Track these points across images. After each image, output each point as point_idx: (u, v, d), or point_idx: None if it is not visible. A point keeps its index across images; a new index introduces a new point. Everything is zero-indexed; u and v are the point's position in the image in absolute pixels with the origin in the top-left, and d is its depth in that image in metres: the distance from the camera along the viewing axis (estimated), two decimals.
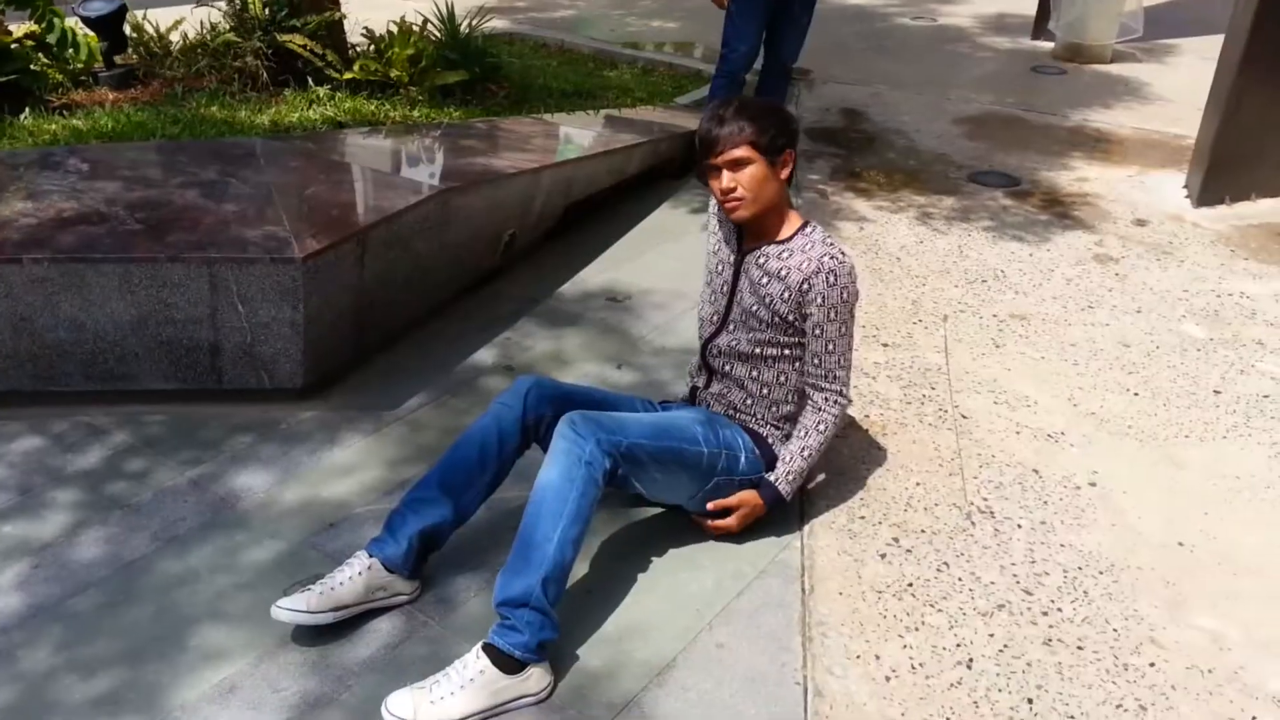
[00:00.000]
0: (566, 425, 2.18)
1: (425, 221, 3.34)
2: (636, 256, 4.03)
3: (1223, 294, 3.79)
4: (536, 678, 2.01)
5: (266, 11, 4.58)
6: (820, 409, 2.42)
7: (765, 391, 2.49)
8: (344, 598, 2.11)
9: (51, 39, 4.36)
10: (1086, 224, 4.35)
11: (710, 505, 2.42)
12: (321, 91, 4.49)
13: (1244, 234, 4.29)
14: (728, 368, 2.51)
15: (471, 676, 1.97)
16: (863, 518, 2.58)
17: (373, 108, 4.42)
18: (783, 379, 2.48)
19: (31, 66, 4.33)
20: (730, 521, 2.43)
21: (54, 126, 3.88)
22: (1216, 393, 3.18)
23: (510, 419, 2.31)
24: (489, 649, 1.99)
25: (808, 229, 2.40)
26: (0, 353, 2.85)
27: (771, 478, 2.44)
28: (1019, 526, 2.57)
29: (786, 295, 2.36)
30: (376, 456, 2.77)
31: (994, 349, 3.41)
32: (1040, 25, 7.02)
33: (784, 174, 2.35)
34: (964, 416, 3.04)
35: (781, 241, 2.40)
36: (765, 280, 2.39)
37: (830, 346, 2.38)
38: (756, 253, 2.42)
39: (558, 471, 2.11)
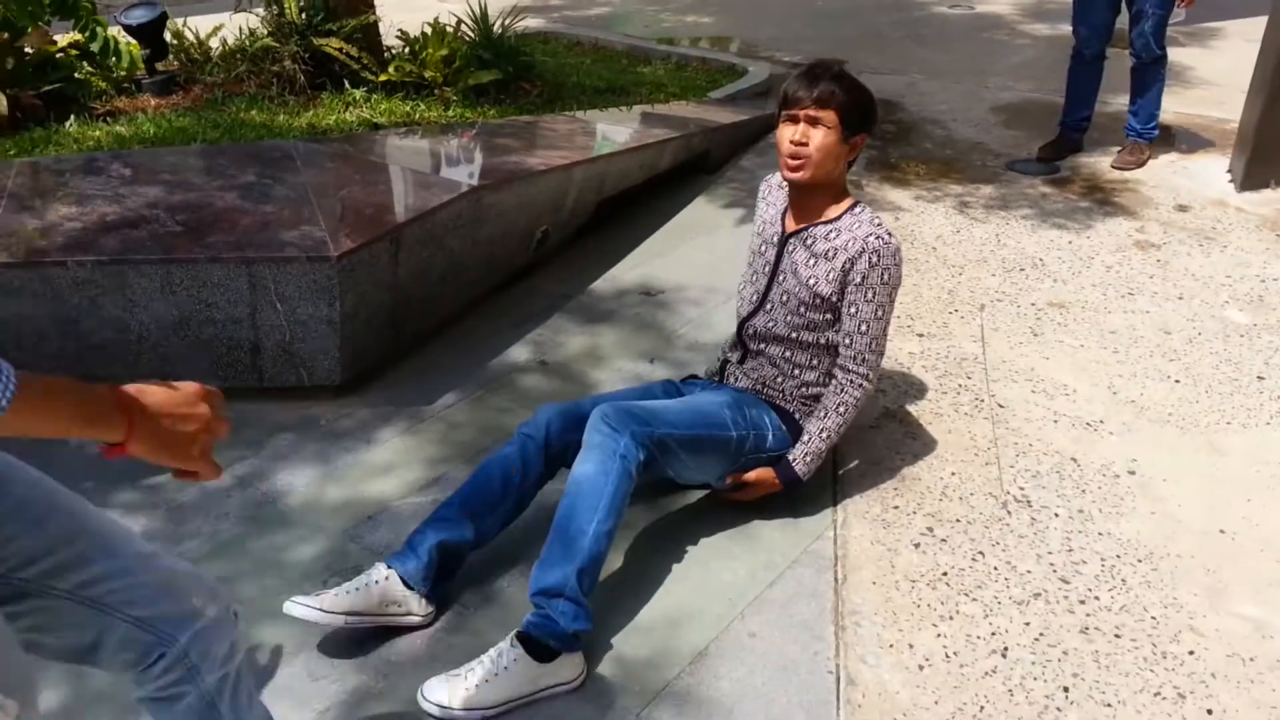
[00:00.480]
0: (600, 419, 2.19)
1: (459, 219, 3.37)
2: (669, 251, 4.04)
3: (1267, 279, 3.71)
4: (570, 666, 2.03)
5: (303, 16, 4.64)
6: (843, 389, 2.42)
7: (796, 372, 2.50)
8: (357, 604, 2.12)
9: (95, 47, 4.44)
10: (1128, 210, 4.28)
11: (728, 479, 2.43)
12: (357, 94, 4.54)
13: None
14: (762, 347, 2.52)
15: (506, 664, 1.99)
16: (897, 507, 2.57)
17: (407, 108, 4.47)
18: (815, 362, 2.48)
19: (75, 75, 4.43)
20: (744, 495, 2.46)
21: (98, 133, 3.97)
22: (1260, 379, 3.12)
23: (534, 449, 2.32)
24: (523, 638, 2.02)
25: (856, 209, 2.41)
26: (46, 354, 2.92)
27: (790, 457, 2.45)
28: (1056, 515, 2.54)
29: (831, 275, 2.36)
30: (414, 453, 2.80)
31: (1032, 337, 3.37)
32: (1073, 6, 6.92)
33: (851, 155, 2.37)
34: (1001, 406, 3.01)
35: (829, 221, 2.40)
36: (812, 261, 2.40)
37: (864, 328, 2.37)
38: (804, 234, 2.42)
39: (593, 465, 2.13)
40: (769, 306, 2.49)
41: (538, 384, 3.15)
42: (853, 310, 2.37)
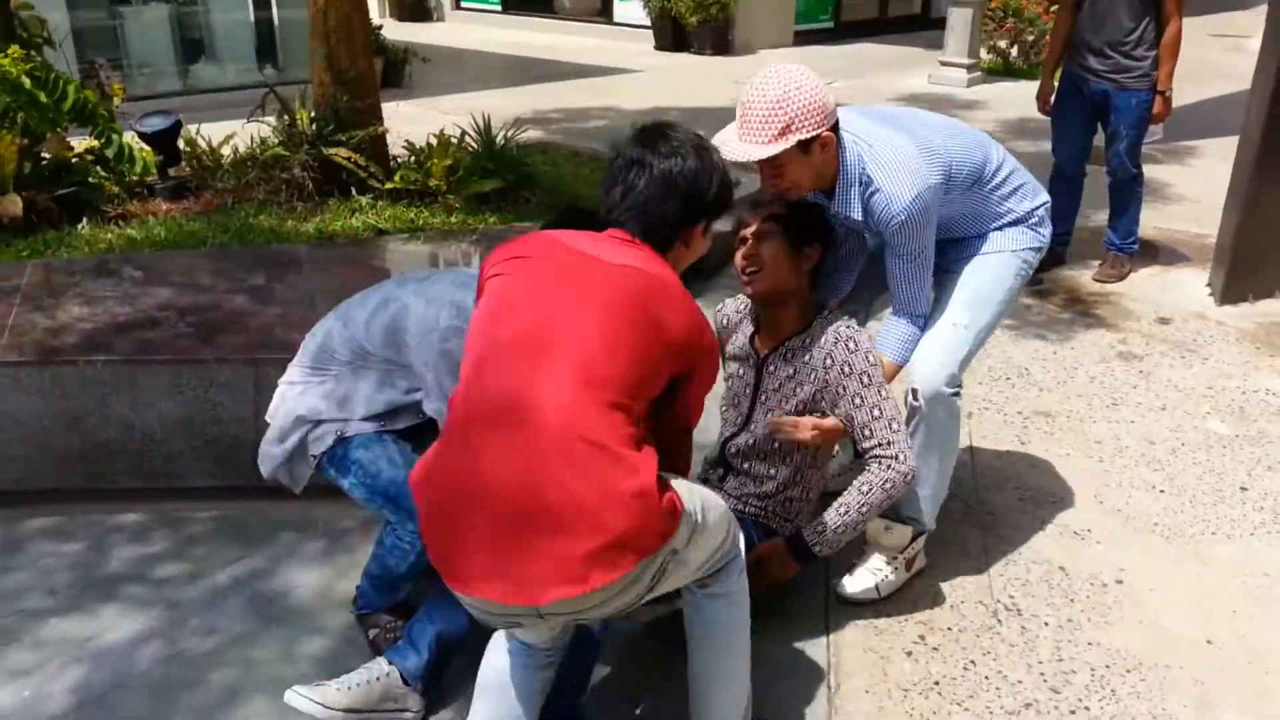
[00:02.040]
0: None
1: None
2: None
3: (1248, 391, 3.81)
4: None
5: (314, 127, 4.81)
6: (870, 472, 2.36)
7: (781, 488, 2.54)
8: (358, 700, 2.16)
9: (110, 153, 4.60)
10: (1109, 322, 4.40)
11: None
12: (364, 200, 4.69)
13: (1268, 331, 4.32)
14: (746, 465, 2.57)
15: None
16: (889, 614, 2.60)
17: (412, 215, 4.60)
18: (798, 477, 2.53)
19: (90, 179, 4.57)
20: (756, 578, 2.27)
21: (110, 235, 4.08)
22: (1243, 489, 3.18)
23: None
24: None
25: (824, 313, 2.47)
26: (53, 451, 2.97)
27: (805, 529, 2.42)
28: (1046, 624, 2.57)
29: (813, 377, 2.42)
30: None
31: (1019, 445, 3.44)
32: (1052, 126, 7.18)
33: (806, 266, 2.43)
34: (990, 513, 3.06)
35: (801, 333, 2.47)
36: (792, 374, 2.46)
37: (876, 412, 2.35)
38: (782, 349, 2.49)
39: None
40: (753, 425, 2.55)
41: None
42: (857, 401, 2.37)
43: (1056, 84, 4.83)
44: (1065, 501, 3.12)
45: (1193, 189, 6.20)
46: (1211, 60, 10.28)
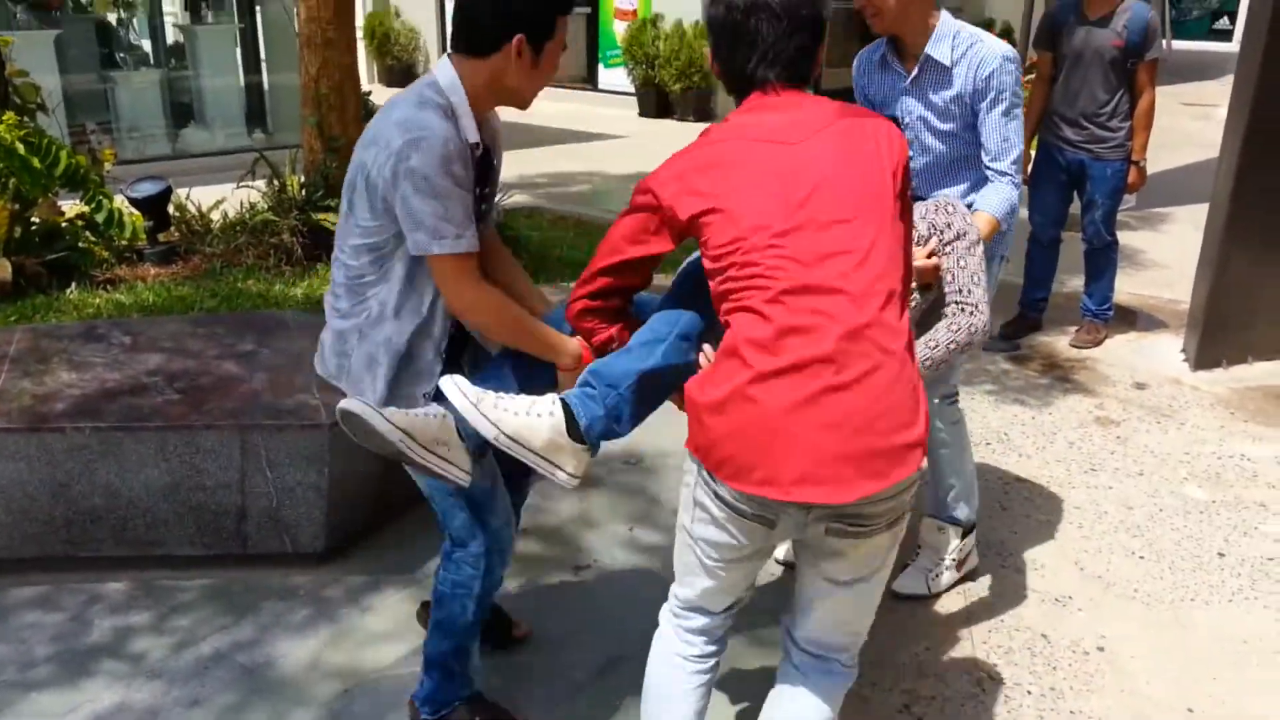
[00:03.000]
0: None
1: None
2: (652, 419, 4.14)
3: (1224, 456, 3.87)
4: (578, 461, 1.89)
5: (303, 192, 4.88)
6: (952, 317, 2.51)
7: None
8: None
9: (100, 218, 4.65)
10: (1087, 388, 4.47)
11: None
12: None
13: (1242, 396, 4.40)
14: None
15: (540, 413, 1.85)
16: (874, 684, 2.60)
17: None
18: None
19: (80, 244, 4.62)
20: None
21: (98, 300, 4.12)
22: (1221, 555, 3.22)
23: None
24: (564, 404, 1.88)
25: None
26: (37, 519, 2.96)
27: None
28: (1029, 693, 2.58)
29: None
30: (397, 622, 2.83)
31: (1000, 512, 3.47)
32: (1029, 194, 7.34)
33: None
34: (972, 580, 3.08)
35: None
36: None
37: (962, 264, 2.51)
38: None
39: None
40: None
41: (522, 548, 3.20)
42: (947, 250, 2.55)
43: (1033, 153, 4.96)
44: (1046, 568, 3.15)
45: (1165, 255, 6.33)
46: (1182, 128, 10.55)
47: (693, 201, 1.78)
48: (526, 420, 1.86)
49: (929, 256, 2.51)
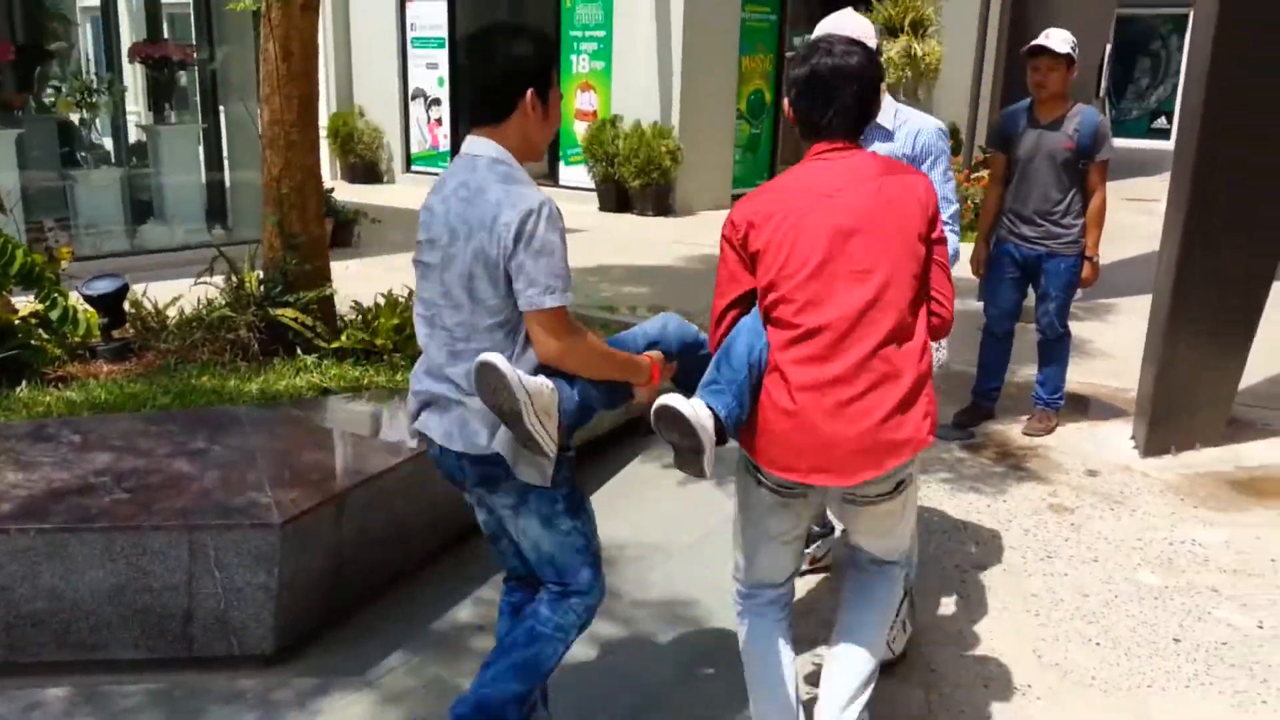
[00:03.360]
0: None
1: (404, 481, 3.47)
2: (610, 509, 4.12)
3: (1175, 542, 3.91)
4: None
5: (261, 288, 4.89)
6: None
7: None
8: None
9: (54, 315, 4.61)
10: (1040, 475, 4.53)
11: None
12: (309, 360, 4.73)
13: (1192, 483, 4.47)
14: None
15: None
16: None
17: (357, 373, 4.64)
18: None
19: (32, 342, 4.57)
20: None
21: (49, 398, 4.06)
22: (1176, 641, 3.24)
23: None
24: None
25: None
26: None
27: None
28: None
29: None
30: None
31: (958, 600, 3.48)
32: (984, 287, 7.51)
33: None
34: (932, 670, 3.07)
35: None
36: None
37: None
38: None
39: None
40: None
41: (482, 646, 3.15)
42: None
43: (989, 250, 5.09)
44: (1005, 656, 3.15)
45: (1112, 344, 6.48)
46: (1126, 223, 10.88)
47: (754, 240, 2.29)
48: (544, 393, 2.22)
49: None
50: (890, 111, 3.22)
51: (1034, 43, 4.69)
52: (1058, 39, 4.61)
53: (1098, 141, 4.68)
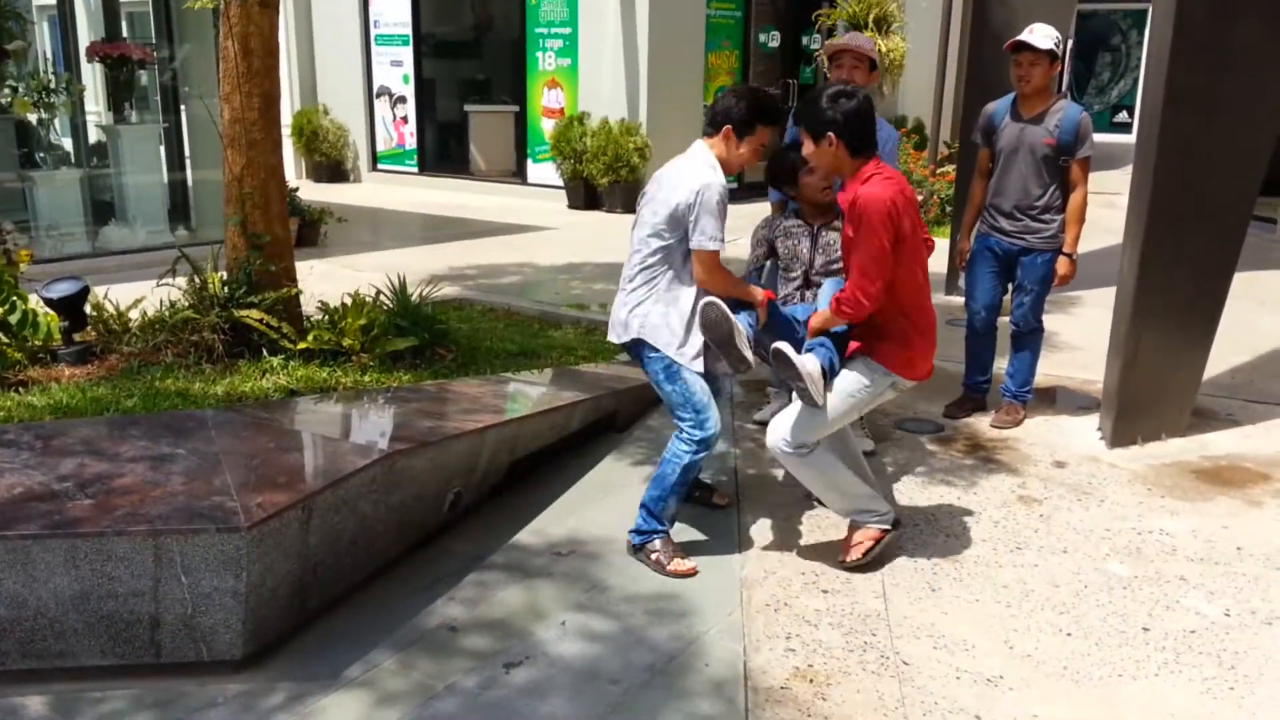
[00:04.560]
0: None
1: (372, 484, 3.43)
2: (580, 510, 4.12)
3: (1143, 531, 3.95)
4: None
5: (225, 289, 4.82)
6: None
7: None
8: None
9: (14, 320, 4.53)
10: (1009, 467, 4.56)
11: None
12: (275, 361, 4.67)
13: (1158, 473, 4.52)
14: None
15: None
16: None
17: (324, 375, 4.60)
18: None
19: None
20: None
21: (9, 403, 3.99)
22: (1145, 630, 3.27)
23: None
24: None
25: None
26: None
27: None
28: None
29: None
30: None
31: (930, 593, 3.49)
32: (952, 282, 7.57)
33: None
34: (905, 663, 3.08)
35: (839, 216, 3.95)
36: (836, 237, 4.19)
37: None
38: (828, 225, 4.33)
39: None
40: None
41: (450, 647, 3.12)
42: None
43: (971, 243, 5.12)
44: (977, 648, 3.17)
45: (1078, 337, 6.54)
46: (1089, 216, 10.99)
47: (903, 226, 3.39)
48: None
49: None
50: None
51: (1016, 38, 4.72)
52: (1040, 34, 4.64)
53: (1079, 138, 4.71)
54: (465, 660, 3.07)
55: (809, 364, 3.37)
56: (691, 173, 3.49)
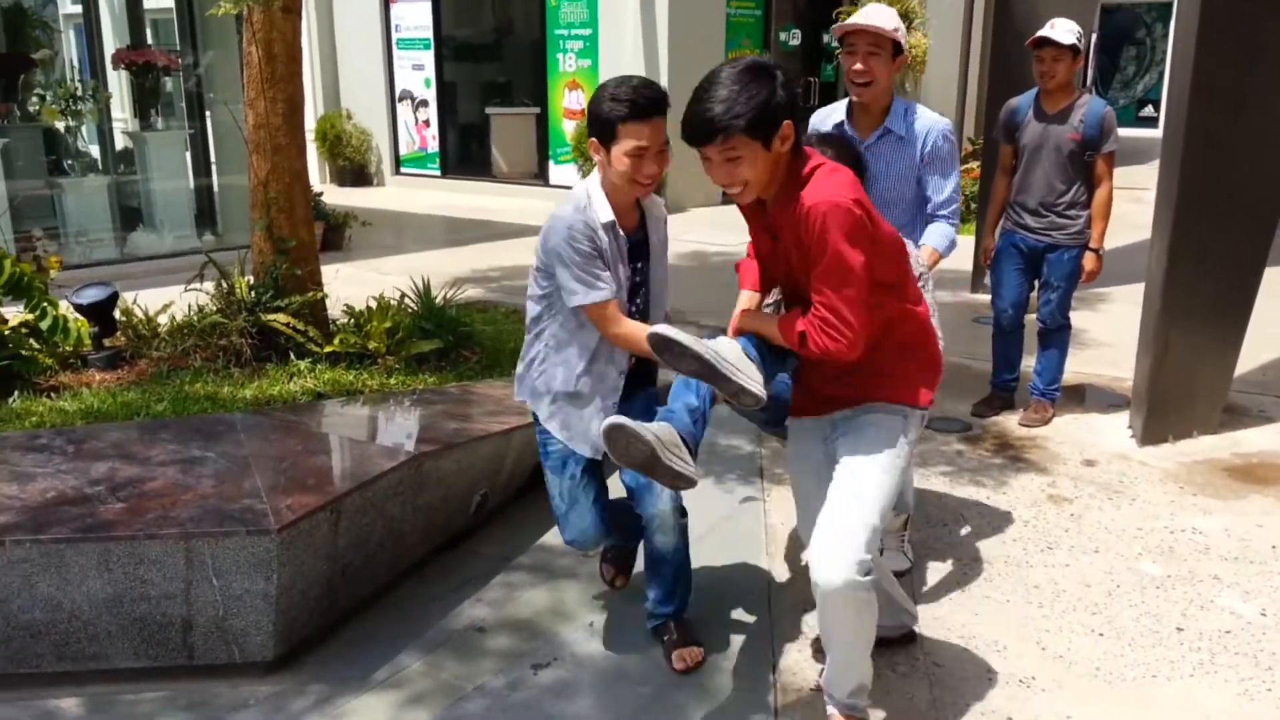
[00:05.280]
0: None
1: (399, 486, 3.45)
2: None
3: (1175, 530, 3.91)
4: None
5: (252, 294, 4.86)
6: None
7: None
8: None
9: (45, 325, 4.58)
10: (1039, 466, 4.52)
11: None
12: (302, 364, 4.70)
13: (1190, 471, 4.47)
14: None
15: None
16: None
17: (351, 378, 4.62)
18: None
19: (23, 352, 4.53)
20: None
21: (41, 408, 4.03)
22: (1179, 630, 3.23)
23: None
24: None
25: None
26: None
27: None
28: None
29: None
30: None
31: (960, 593, 3.47)
32: (977, 279, 7.52)
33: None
34: (936, 664, 3.06)
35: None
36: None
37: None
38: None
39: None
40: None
41: (477, 649, 3.13)
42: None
43: (996, 240, 5.08)
44: (1009, 649, 3.14)
45: (1106, 334, 6.48)
46: (1116, 211, 10.86)
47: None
48: (717, 343, 2.45)
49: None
50: (900, 115, 3.49)
51: (1039, 34, 4.68)
52: (1062, 29, 4.60)
53: (1104, 133, 4.67)
54: (493, 661, 3.08)
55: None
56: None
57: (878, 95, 3.42)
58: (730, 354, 2.43)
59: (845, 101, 3.61)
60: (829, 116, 3.65)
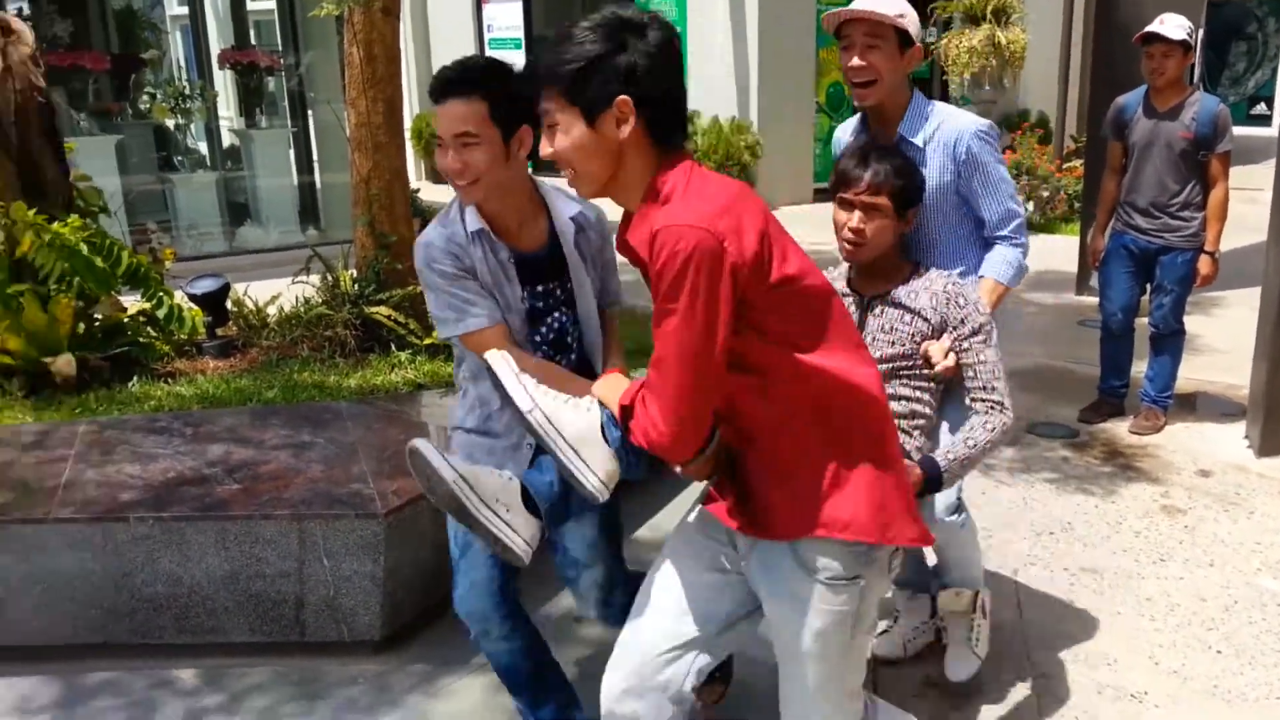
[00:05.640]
0: None
1: None
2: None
3: None
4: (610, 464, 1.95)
5: (356, 287, 4.97)
6: (982, 415, 2.48)
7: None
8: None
9: (161, 314, 4.76)
10: (1150, 475, 4.37)
11: None
12: (403, 356, 4.79)
13: None
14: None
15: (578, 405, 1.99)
16: None
17: (449, 370, 4.69)
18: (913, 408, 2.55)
19: (141, 339, 4.72)
20: None
21: (160, 393, 4.18)
22: None
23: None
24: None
25: (920, 268, 2.54)
26: (101, 607, 2.98)
27: (935, 455, 2.41)
28: None
29: (918, 322, 2.48)
30: (461, 706, 2.80)
31: (1068, 603, 3.37)
32: (1082, 281, 7.30)
33: (904, 228, 2.48)
34: (1043, 675, 2.98)
35: (906, 282, 2.52)
36: (908, 318, 2.49)
37: (982, 357, 2.48)
38: (890, 295, 2.51)
39: None
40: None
41: (575, 636, 3.15)
42: (964, 346, 2.48)
43: (1106, 243, 4.92)
44: (1119, 662, 3.04)
45: (1221, 339, 6.24)
46: (1232, 212, 10.48)
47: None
48: (565, 406, 1.90)
49: (946, 355, 2.48)
50: (920, 120, 2.69)
51: (1147, 29, 4.53)
52: (1171, 25, 4.45)
53: (1218, 131, 4.49)
54: (587, 648, 3.09)
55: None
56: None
57: (884, 96, 2.64)
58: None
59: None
60: (849, 128, 2.94)
